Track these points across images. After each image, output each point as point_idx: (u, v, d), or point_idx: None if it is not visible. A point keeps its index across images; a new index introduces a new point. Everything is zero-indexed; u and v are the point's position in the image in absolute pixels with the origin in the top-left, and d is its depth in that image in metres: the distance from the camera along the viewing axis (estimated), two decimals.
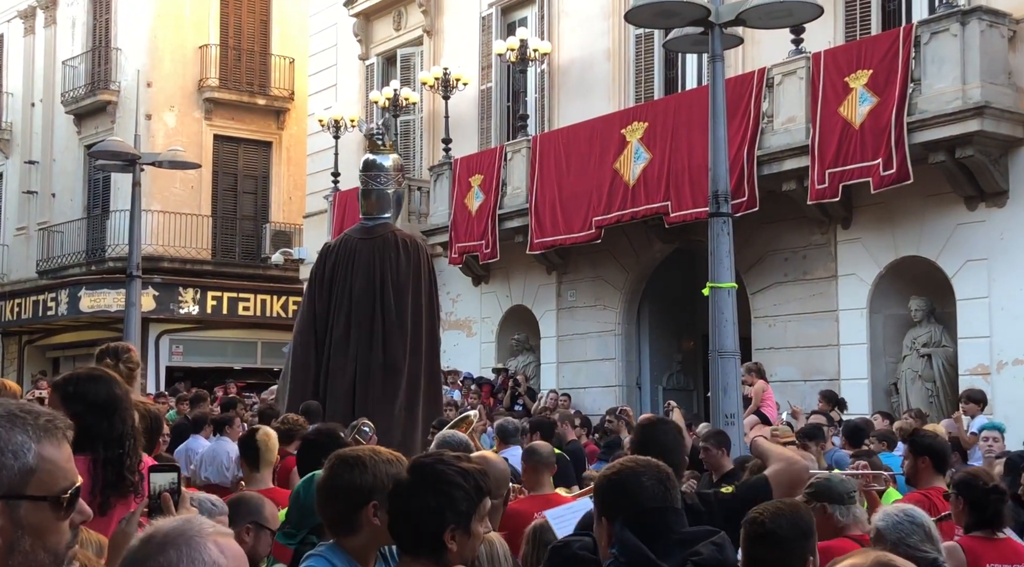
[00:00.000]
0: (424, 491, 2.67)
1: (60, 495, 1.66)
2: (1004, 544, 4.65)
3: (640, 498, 2.93)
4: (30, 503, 1.63)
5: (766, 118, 13.28)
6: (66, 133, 28.08)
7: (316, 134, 22.02)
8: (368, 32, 21.65)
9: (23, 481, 1.63)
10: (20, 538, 1.63)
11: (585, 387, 16.61)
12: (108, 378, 3.52)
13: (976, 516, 4.57)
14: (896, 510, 3.84)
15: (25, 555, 1.63)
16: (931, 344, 12.68)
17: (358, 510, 2.87)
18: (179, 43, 26.08)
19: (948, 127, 11.63)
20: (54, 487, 1.66)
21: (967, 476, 4.79)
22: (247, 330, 26.13)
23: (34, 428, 1.66)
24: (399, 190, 8.39)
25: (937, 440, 5.67)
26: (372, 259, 8.04)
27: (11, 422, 1.66)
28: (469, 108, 18.89)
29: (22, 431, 1.65)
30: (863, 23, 13.61)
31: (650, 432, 4.39)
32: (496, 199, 16.73)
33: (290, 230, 25.89)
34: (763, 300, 14.31)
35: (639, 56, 16.57)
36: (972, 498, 4.60)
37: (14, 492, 1.62)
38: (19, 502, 1.62)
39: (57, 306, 25.81)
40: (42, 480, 1.65)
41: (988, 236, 12.05)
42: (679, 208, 13.94)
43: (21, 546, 1.63)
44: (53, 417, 1.71)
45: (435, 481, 2.67)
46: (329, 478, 2.99)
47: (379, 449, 3.09)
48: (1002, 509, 4.62)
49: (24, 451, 1.64)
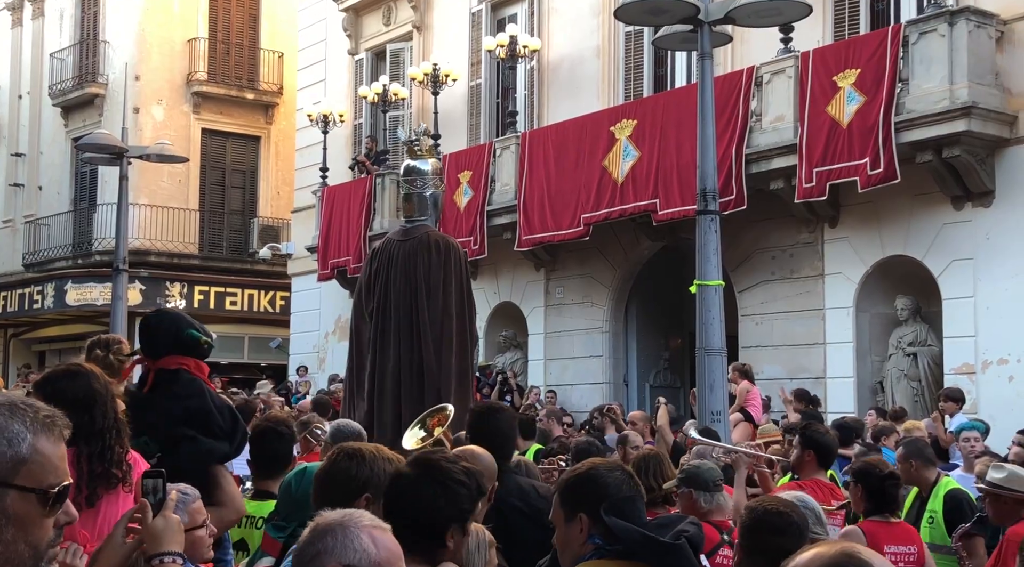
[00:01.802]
0: (427, 485, 2.66)
1: (48, 489, 1.66)
2: (899, 527, 4.97)
3: (613, 489, 3.00)
4: (17, 493, 1.63)
5: (754, 116, 13.31)
6: (53, 126, 27.97)
7: (304, 129, 21.97)
8: (357, 27, 21.62)
9: (13, 470, 1.64)
10: (3, 527, 1.63)
11: (572, 384, 16.64)
12: (86, 373, 3.51)
13: (873, 502, 4.82)
14: (791, 496, 4.01)
15: (6, 545, 1.63)
16: (917, 343, 12.74)
17: (351, 501, 2.86)
18: (167, 36, 26.00)
19: (935, 127, 11.68)
20: (43, 481, 1.66)
21: (865, 464, 5.03)
22: (234, 325, 26.06)
23: (32, 420, 1.68)
24: (436, 192, 8.56)
25: (825, 437, 5.94)
26: (408, 260, 8.23)
27: (11, 412, 1.67)
28: (458, 104, 18.88)
29: (20, 421, 1.66)
30: (851, 22, 13.65)
31: (485, 419, 4.62)
32: (484, 196, 16.73)
33: (278, 225, 25.86)
34: (750, 298, 14.35)
35: (628, 54, 16.58)
36: (869, 485, 4.86)
37: (3, 480, 1.63)
38: (7, 490, 1.63)
39: (43, 299, 25.73)
40: (32, 472, 1.65)
41: (974, 236, 12.11)
42: (667, 206, 13.97)
43: (3, 536, 1.63)
44: (53, 414, 1.72)
45: (440, 477, 2.67)
46: (327, 468, 3.02)
47: (381, 447, 3.12)
48: (896, 495, 4.92)
49: (19, 440, 1.65)
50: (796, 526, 3.52)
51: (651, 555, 2.94)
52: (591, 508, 2.96)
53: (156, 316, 4.52)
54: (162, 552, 2.58)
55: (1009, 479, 5.10)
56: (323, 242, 19.88)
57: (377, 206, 18.96)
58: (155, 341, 4.28)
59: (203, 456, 4.02)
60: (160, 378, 4.21)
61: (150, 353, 4.27)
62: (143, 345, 4.35)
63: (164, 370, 4.22)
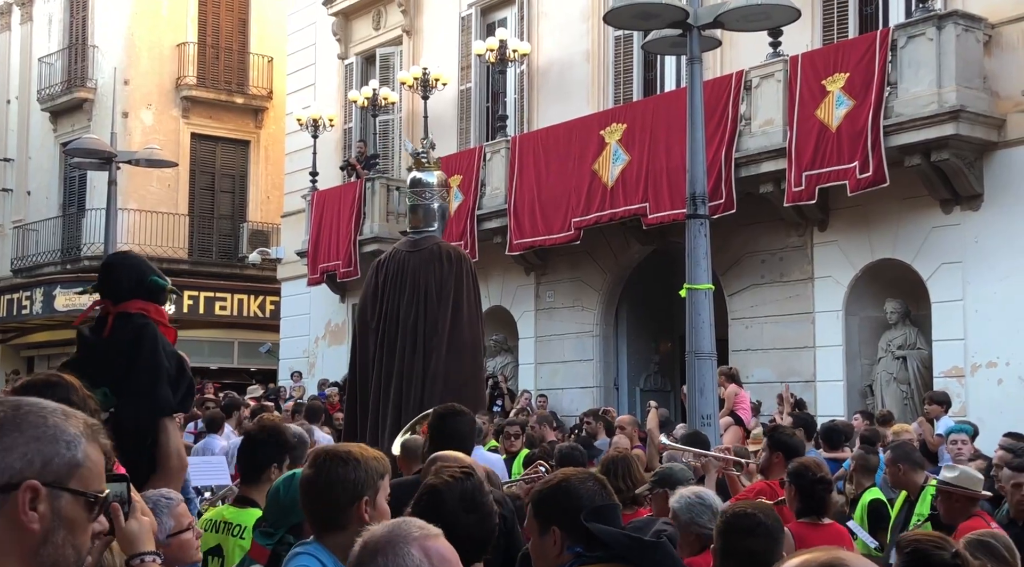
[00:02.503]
0: None
1: (96, 495, 1.69)
2: (829, 529, 5.04)
3: (587, 500, 3.02)
4: (71, 496, 1.66)
5: (744, 120, 13.33)
6: (42, 131, 27.88)
7: (294, 133, 21.94)
8: (347, 31, 21.60)
9: (69, 473, 1.66)
10: (55, 529, 1.65)
11: (563, 388, 16.63)
12: (65, 384, 3.48)
13: (804, 503, 4.91)
14: (690, 492, 4.17)
15: (56, 547, 1.65)
16: (906, 346, 12.77)
17: (350, 506, 2.86)
18: (156, 41, 25.95)
19: (924, 130, 11.71)
20: (91, 486, 1.69)
21: (799, 466, 5.11)
22: (224, 330, 26.02)
23: (84, 426, 1.70)
24: (443, 204, 8.72)
25: (793, 439, 6.06)
26: (417, 271, 8.36)
27: (66, 416, 1.70)
28: (448, 108, 18.87)
29: (75, 426, 1.69)
30: (840, 26, 13.69)
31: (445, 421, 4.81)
32: (475, 200, 16.72)
33: (268, 229, 25.81)
34: (740, 302, 14.37)
35: (618, 58, 16.60)
36: (801, 486, 4.95)
37: (59, 482, 1.65)
38: (61, 493, 1.65)
39: (32, 305, 25.64)
40: (84, 476, 1.68)
41: (963, 239, 12.14)
42: (657, 209, 13.98)
43: (54, 537, 1.65)
44: (97, 424, 1.75)
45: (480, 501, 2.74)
46: (318, 474, 2.95)
47: (363, 446, 3.09)
48: (827, 498, 5.01)
49: (76, 444, 1.67)
50: (765, 527, 3.58)
51: (637, 556, 2.99)
52: (566, 519, 2.98)
53: (120, 258, 4.41)
54: (140, 553, 2.62)
55: (960, 479, 5.34)
56: (313, 247, 19.85)
57: (367, 210, 18.94)
58: (118, 285, 4.14)
59: (156, 412, 3.96)
60: (118, 323, 4.07)
61: (111, 296, 4.12)
62: (104, 288, 4.19)
63: (124, 314, 4.07)
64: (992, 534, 4.50)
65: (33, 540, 1.63)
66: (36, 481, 1.62)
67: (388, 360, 8.19)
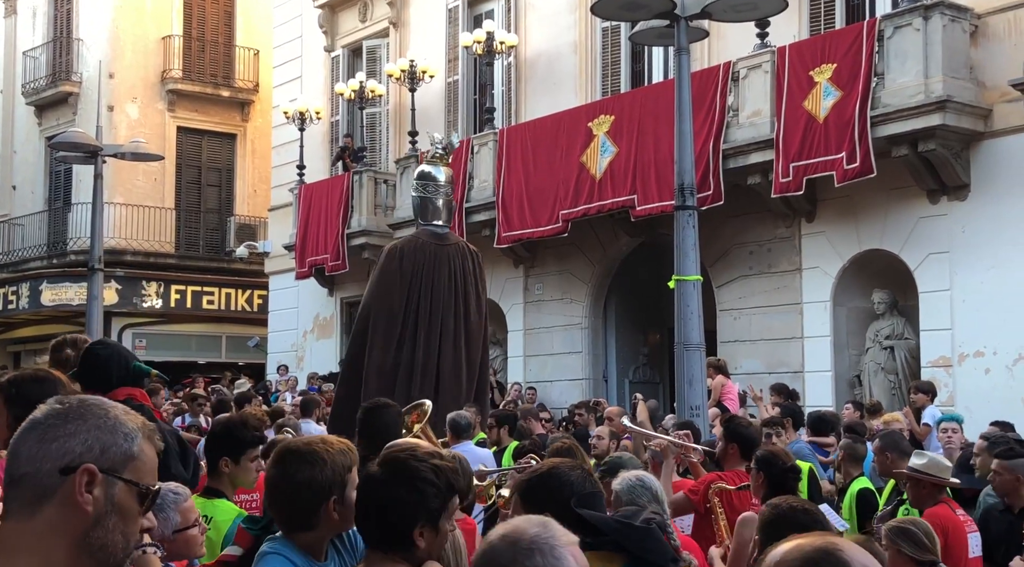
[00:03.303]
0: (396, 486, 2.64)
1: (149, 486, 1.79)
2: None
3: (577, 487, 3.05)
4: (124, 485, 1.76)
5: (731, 112, 13.33)
6: (27, 124, 27.73)
7: (281, 126, 21.87)
8: (333, 24, 21.53)
9: (123, 464, 1.76)
10: (108, 513, 1.74)
11: (552, 381, 16.64)
12: (53, 379, 3.48)
13: (773, 491, 4.90)
14: (632, 476, 4.24)
15: (107, 531, 1.74)
16: (894, 336, 12.81)
17: (319, 506, 2.80)
18: (141, 34, 25.81)
19: (911, 121, 11.73)
20: (144, 479, 1.79)
21: (768, 454, 5.19)
22: (211, 324, 25.96)
23: (142, 425, 1.82)
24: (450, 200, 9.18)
25: (748, 430, 6.14)
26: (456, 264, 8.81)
27: (126, 413, 1.82)
28: (435, 101, 18.83)
29: (133, 422, 1.81)
30: (827, 17, 13.69)
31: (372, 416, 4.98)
32: (463, 193, 16.68)
33: (255, 223, 25.73)
34: (728, 293, 14.39)
35: (605, 49, 16.58)
36: (771, 474, 5.00)
37: (114, 470, 1.75)
38: (116, 480, 1.75)
39: (18, 300, 25.51)
40: (138, 469, 1.78)
41: (950, 229, 12.17)
42: (645, 201, 13.98)
43: (106, 521, 1.74)
44: (152, 427, 1.85)
45: (408, 476, 2.65)
46: (284, 474, 2.86)
47: (328, 439, 3.01)
48: (795, 488, 5.08)
49: (133, 438, 1.78)
50: (820, 524, 3.59)
51: (629, 541, 3.02)
52: (555, 506, 2.96)
53: (102, 348, 4.62)
54: (141, 544, 2.68)
55: (928, 465, 5.45)
56: (300, 240, 19.80)
57: (355, 204, 18.89)
58: (107, 373, 4.37)
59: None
60: None
61: (100, 386, 4.25)
62: (90, 377, 4.35)
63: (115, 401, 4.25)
64: (912, 520, 4.81)
65: (86, 522, 1.71)
66: (93, 465, 1.72)
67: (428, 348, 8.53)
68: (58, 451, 1.71)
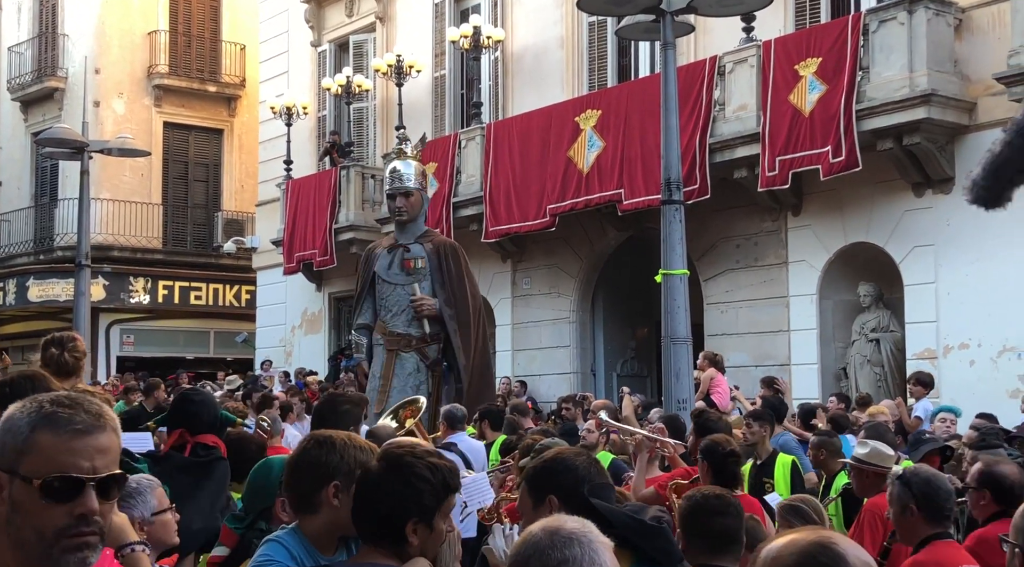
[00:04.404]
0: (391, 481, 2.68)
1: (52, 477, 1.76)
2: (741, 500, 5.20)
3: (583, 472, 3.05)
4: (21, 481, 1.77)
5: (718, 106, 13.37)
6: (12, 120, 27.60)
7: (268, 121, 21.83)
8: (320, 18, 21.49)
9: (18, 460, 1.77)
10: (13, 512, 1.77)
11: (540, 374, 16.67)
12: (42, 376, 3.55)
13: (717, 477, 5.07)
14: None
15: (17, 530, 1.77)
16: (879, 329, 12.88)
17: (320, 489, 2.88)
18: (127, 29, 25.71)
19: (896, 114, 11.79)
20: (47, 470, 1.76)
21: (710, 443, 5.33)
22: (199, 319, 25.92)
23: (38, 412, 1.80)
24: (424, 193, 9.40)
25: (719, 423, 6.30)
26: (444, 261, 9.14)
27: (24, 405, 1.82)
28: (422, 95, 18.82)
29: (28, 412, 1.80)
30: (812, 11, 13.74)
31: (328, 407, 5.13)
32: (450, 187, 16.70)
33: (242, 218, 25.68)
34: (715, 287, 14.44)
35: (592, 44, 16.60)
36: (713, 461, 5.17)
37: (11, 469, 1.77)
38: (13, 478, 1.77)
39: (5, 296, 25.43)
40: (33, 461, 1.77)
41: (935, 222, 12.24)
42: (631, 195, 14.02)
43: (14, 519, 1.77)
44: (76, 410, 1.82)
45: (403, 472, 2.68)
46: (298, 455, 3.01)
47: (354, 436, 3.12)
48: (737, 471, 5.25)
49: (20, 431, 1.78)
50: (733, 506, 3.69)
51: (640, 538, 3.01)
52: (563, 492, 2.99)
53: (197, 394, 5.21)
54: (127, 543, 2.73)
55: (871, 455, 5.53)
56: (288, 235, 19.78)
57: (343, 199, 18.88)
58: (197, 418, 4.82)
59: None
60: (197, 448, 4.75)
61: (188, 428, 4.79)
62: (179, 419, 4.85)
63: (203, 444, 4.76)
64: (802, 498, 5.16)
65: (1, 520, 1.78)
66: None
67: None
68: None
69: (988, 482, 4.65)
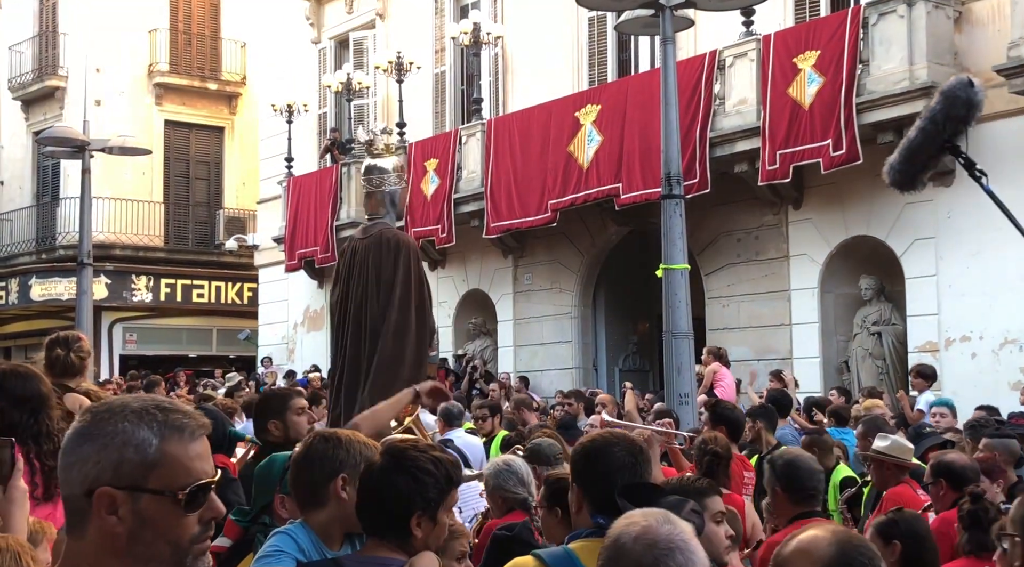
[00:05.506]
0: (395, 475, 2.70)
1: (185, 488, 1.74)
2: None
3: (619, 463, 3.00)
4: (151, 496, 1.73)
5: (718, 100, 13.37)
6: (14, 120, 27.62)
7: (269, 119, 21.84)
8: (320, 15, 21.50)
9: (144, 475, 1.72)
10: (141, 528, 1.72)
11: (542, 370, 16.69)
12: (35, 375, 3.58)
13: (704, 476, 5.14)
14: (500, 460, 4.46)
15: (147, 546, 1.73)
16: (881, 322, 12.88)
17: (327, 483, 2.92)
18: (128, 27, 25.71)
19: (896, 107, 11.78)
20: (176, 482, 1.74)
21: (700, 441, 5.53)
22: (201, 317, 25.95)
23: (160, 426, 1.75)
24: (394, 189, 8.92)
25: (734, 412, 6.46)
26: (367, 257, 8.67)
27: (139, 418, 1.75)
28: (423, 92, 18.83)
29: (148, 428, 1.75)
30: (812, 5, 13.73)
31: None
32: (451, 183, 16.71)
33: (244, 216, 25.71)
34: (716, 281, 14.45)
35: (592, 39, 16.60)
36: (700, 459, 5.38)
37: (136, 484, 1.72)
38: (141, 494, 1.72)
39: (7, 295, 25.47)
40: (163, 475, 1.74)
41: (936, 215, 12.24)
42: (630, 190, 14.01)
43: (142, 536, 1.72)
44: (185, 420, 1.79)
45: (407, 466, 2.71)
46: (304, 450, 3.04)
47: (357, 433, 3.17)
48: (718, 470, 5.35)
49: (146, 446, 1.73)
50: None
51: None
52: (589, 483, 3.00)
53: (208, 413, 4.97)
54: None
55: (891, 448, 5.66)
56: (290, 233, 19.80)
57: (344, 196, 18.90)
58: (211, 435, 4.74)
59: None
60: None
61: None
62: None
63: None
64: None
65: (121, 539, 1.72)
66: (108, 488, 1.70)
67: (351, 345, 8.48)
68: (79, 476, 1.72)
69: (941, 472, 4.90)
